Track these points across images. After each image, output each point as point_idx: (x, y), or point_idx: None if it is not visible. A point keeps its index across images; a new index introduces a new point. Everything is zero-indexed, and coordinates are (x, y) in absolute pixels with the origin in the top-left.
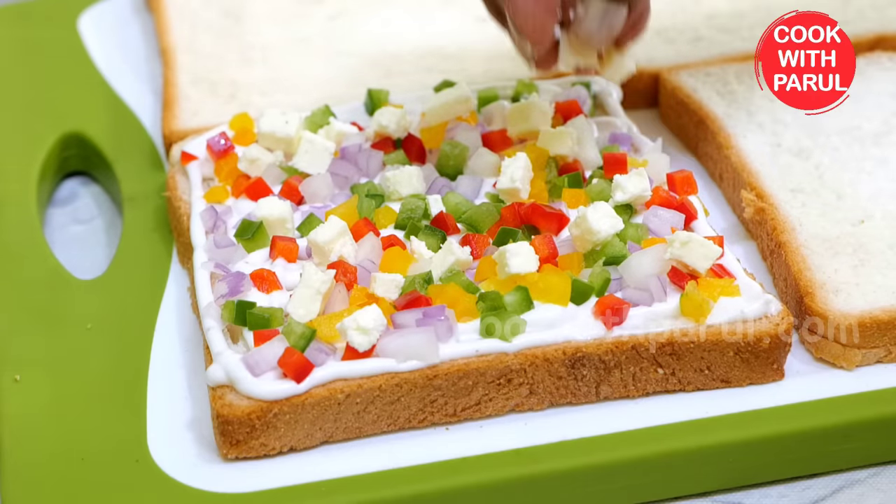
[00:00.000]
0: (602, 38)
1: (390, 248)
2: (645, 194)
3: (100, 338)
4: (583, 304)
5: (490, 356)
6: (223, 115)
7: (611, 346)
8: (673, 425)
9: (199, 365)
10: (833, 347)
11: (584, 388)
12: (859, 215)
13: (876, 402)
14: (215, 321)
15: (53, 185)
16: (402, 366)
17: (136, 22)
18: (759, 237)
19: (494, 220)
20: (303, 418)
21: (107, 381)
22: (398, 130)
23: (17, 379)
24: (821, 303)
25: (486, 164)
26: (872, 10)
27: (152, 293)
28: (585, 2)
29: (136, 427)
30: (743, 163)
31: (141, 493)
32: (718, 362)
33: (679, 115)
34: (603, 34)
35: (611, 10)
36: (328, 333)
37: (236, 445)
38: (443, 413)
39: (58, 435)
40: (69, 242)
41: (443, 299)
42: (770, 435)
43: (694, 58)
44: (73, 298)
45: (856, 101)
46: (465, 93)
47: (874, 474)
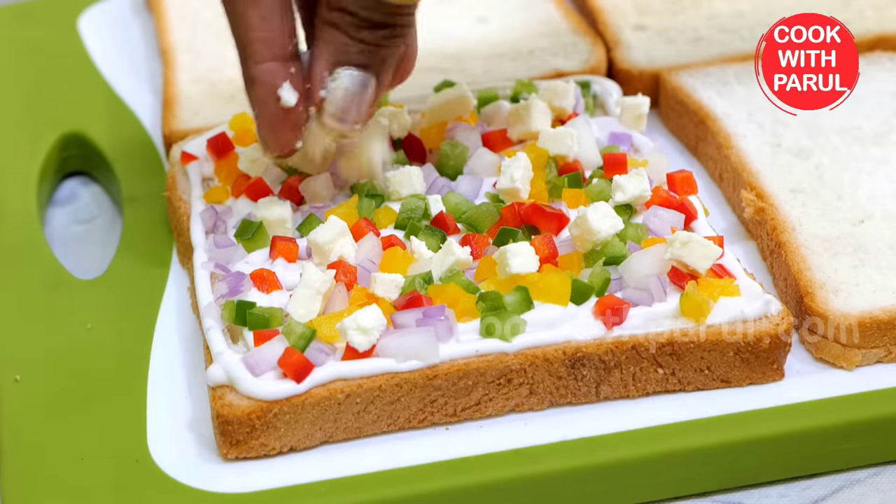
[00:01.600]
0: (356, 112)
1: (390, 248)
2: (645, 194)
3: (100, 338)
4: (583, 304)
5: (490, 356)
6: (223, 115)
7: (611, 346)
8: (673, 425)
9: (199, 365)
10: (833, 347)
11: (584, 388)
12: (859, 215)
13: (876, 402)
14: (215, 321)
15: (53, 185)
16: (402, 366)
17: (136, 22)
18: (759, 237)
19: (494, 220)
20: (303, 418)
21: (107, 381)
22: (398, 130)
23: (17, 379)
24: (821, 303)
25: (486, 164)
26: (872, 10)
27: (152, 293)
28: (334, 76)
29: (136, 427)
30: (743, 163)
31: (141, 493)
32: (718, 362)
33: (679, 115)
34: (356, 108)
35: (357, 78)
36: (328, 333)
37: (236, 445)
38: (443, 413)
39: (58, 435)
40: (69, 242)
41: (443, 299)
42: (770, 435)
43: (694, 58)
44: (73, 298)
45: (856, 101)
46: (465, 93)
47: (874, 474)
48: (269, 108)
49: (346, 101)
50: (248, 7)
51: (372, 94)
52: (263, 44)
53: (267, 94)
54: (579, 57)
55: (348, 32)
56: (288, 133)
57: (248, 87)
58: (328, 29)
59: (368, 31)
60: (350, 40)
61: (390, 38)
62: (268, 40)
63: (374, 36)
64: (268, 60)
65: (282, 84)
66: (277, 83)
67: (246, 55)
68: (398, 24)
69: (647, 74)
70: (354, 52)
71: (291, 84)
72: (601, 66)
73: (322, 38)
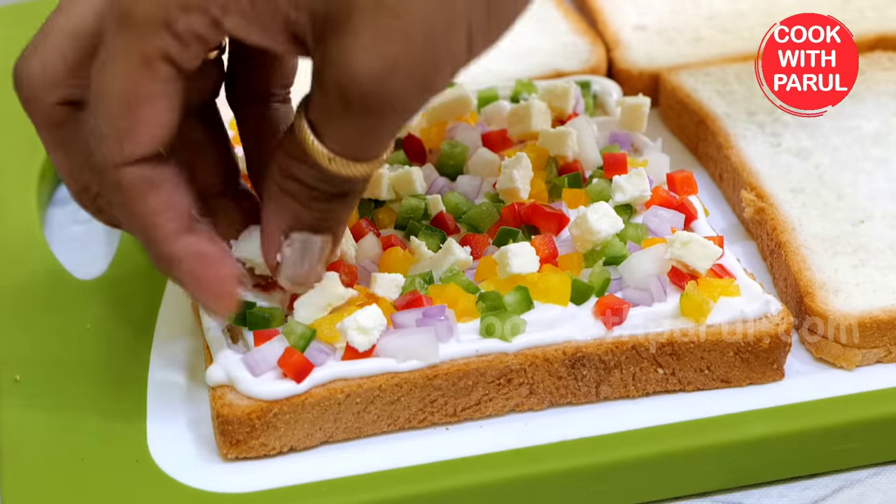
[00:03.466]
0: (315, 275)
1: (390, 248)
2: (645, 194)
3: (100, 338)
4: (583, 304)
5: (490, 356)
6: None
7: (611, 346)
8: (673, 425)
9: (199, 365)
10: (833, 347)
11: (584, 388)
12: (859, 215)
13: (876, 402)
14: (215, 321)
15: (53, 185)
16: (402, 366)
17: None
18: (759, 237)
19: (494, 220)
20: (303, 418)
21: (107, 381)
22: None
23: (17, 379)
24: (821, 303)
25: (486, 164)
26: (872, 10)
27: (152, 293)
28: (290, 241)
29: (136, 427)
30: (743, 163)
31: (141, 493)
32: (718, 362)
33: (679, 115)
34: (314, 271)
35: (312, 241)
36: (328, 333)
37: (236, 445)
38: (443, 413)
39: (58, 435)
40: (69, 242)
41: (443, 299)
42: (770, 435)
43: (694, 58)
44: (73, 298)
45: (856, 101)
46: (465, 93)
47: (874, 474)
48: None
49: (304, 267)
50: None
51: (328, 252)
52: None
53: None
54: (579, 57)
55: (303, 203)
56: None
57: (173, 266)
58: (282, 195)
59: (324, 203)
60: (305, 210)
61: (346, 203)
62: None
63: (329, 205)
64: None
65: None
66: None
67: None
68: (355, 190)
69: (647, 74)
70: (309, 219)
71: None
72: (601, 66)
73: (275, 202)
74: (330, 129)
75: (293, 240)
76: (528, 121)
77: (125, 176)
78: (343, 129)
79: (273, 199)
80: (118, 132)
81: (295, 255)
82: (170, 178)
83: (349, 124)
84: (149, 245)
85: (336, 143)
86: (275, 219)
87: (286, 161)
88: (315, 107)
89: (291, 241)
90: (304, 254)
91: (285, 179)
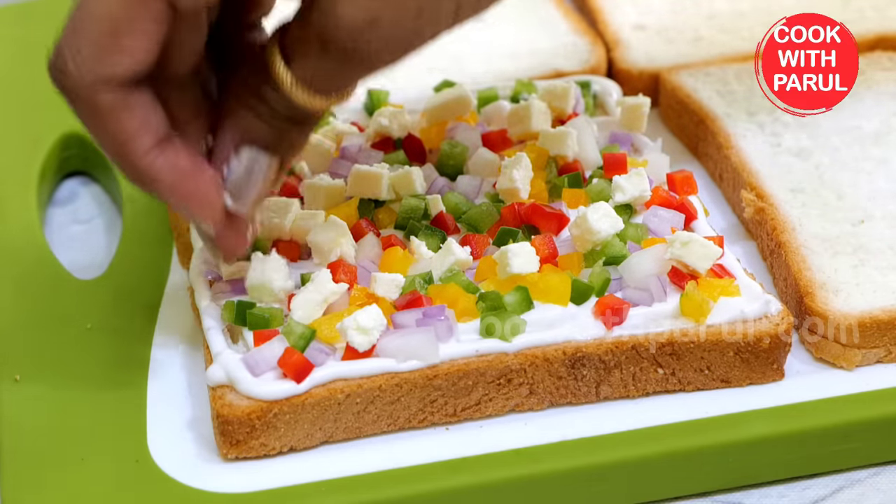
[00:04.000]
0: (255, 193)
1: (390, 248)
2: (645, 194)
3: (100, 338)
4: (583, 304)
5: (490, 356)
6: None
7: (611, 346)
8: (673, 425)
9: (199, 365)
10: (833, 347)
11: (584, 388)
12: (859, 215)
13: (876, 402)
14: (215, 321)
15: (53, 185)
16: (402, 366)
17: None
18: (759, 237)
19: (494, 220)
20: (303, 418)
21: (107, 381)
22: (398, 130)
23: (17, 379)
24: (821, 303)
25: (486, 164)
26: (872, 10)
27: (152, 293)
28: (238, 153)
29: (136, 427)
30: (743, 163)
31: (141, 493)
32: (718, 362)
33: (679, 115)
34: (255, 189)
35: (260, 159)
36: (328, 333)
37: (236, 445)
38: (443, 413)
39: (58, 435)
40: (69, 242)
41: (443, 299)
42: (770, 435)
43: (694, 58)
44: (73, 298)
45: (856, 101)
46: (465, 93)
47: (874, 474)
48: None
49: (246, 181)
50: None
51: (273, 175)
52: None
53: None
54: (579, 57)
55: (262, 117)
56: (205, 185)
57: (152, 182)
58: (240, 108)
59: (283, 121)
60: (262, 124)
61: (300, 130)
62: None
63: (287, 125)
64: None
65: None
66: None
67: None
68: (310, 121)
69: (647, 74)
70: (263, 134)
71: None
72: (601, 66)
73: (233, 115)
74: (301, 60)
75: (242, 153)
76: (528, 121)
77: (100, 96)
78: (314, 64)
79: (231, 112)
80: (100, 53)
81: (241, 167)
82: (144, 102)
83: (321, 63)
84: (124, 163)
85: (304, 73)
86: (230, 130)
87: (251, 78)
88: (292, 38)
89: (240, 154)
90: (251, 170)
91: (247, 95)
